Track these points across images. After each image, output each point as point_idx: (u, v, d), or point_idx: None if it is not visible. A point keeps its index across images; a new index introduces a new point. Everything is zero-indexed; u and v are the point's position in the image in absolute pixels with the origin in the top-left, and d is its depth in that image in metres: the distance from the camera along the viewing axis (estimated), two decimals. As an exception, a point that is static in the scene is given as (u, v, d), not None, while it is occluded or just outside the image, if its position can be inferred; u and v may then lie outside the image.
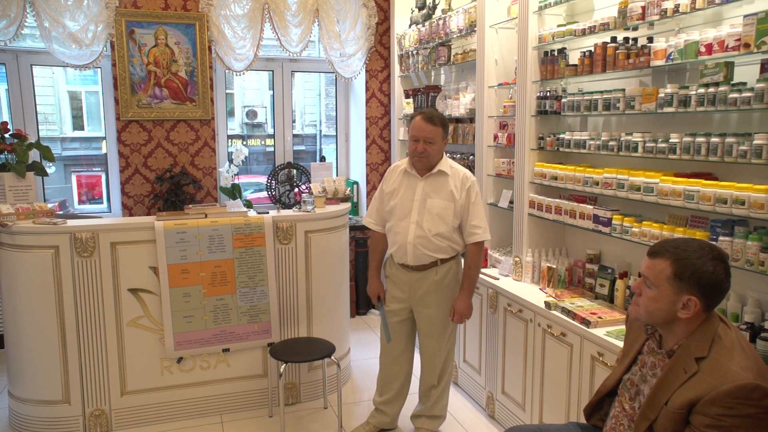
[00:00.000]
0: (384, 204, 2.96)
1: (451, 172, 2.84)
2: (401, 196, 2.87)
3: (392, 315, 2.97)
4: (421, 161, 2.81)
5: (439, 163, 2.84)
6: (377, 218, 3.02)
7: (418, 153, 2.78)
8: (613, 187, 2.63)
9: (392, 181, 2.94)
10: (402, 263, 2.88)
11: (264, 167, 5.92)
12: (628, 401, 1.79)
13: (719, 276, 1.59)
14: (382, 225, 3.00)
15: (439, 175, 2.83)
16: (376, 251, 3.11)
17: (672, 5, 2.33)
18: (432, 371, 2.98)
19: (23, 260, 3.03)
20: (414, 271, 2.87)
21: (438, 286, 2.86)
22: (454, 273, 2.90)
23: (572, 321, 2.60)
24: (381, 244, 3.06)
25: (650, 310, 1.66)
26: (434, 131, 2.76)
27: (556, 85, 3.13)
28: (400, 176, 2.92)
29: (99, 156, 6.01)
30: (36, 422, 3.14)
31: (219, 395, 3.39)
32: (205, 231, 3.23)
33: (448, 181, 2.82)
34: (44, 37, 4.11)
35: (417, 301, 2.90)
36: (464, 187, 2.81)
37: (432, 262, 2.84)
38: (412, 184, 2.86)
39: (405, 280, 2.90)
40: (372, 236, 3.12)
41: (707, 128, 2.40)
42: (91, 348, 3.14)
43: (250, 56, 4.58)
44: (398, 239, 2.86)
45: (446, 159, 2.89)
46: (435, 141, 2.77)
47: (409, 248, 2.82)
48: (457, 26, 3.88)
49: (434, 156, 2.80)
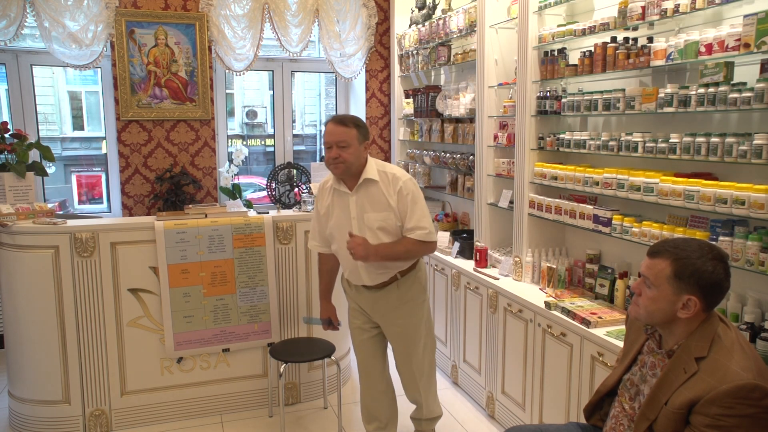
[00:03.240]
0: (323, 227, 2.73)
1: (380, 177, 2.56)
2: (336, 218, 2.64)
3: (360, 332, 2.79)
4: (338, 169, 2.52)
5: (364, 170, 2.56)
6: (321, 240, 2.79)
7: (332, 160, 2.51)
8: (613, 187, 2.63)
9: (324, 203, 2.69)
10: (360, 285, 2.70)
11: (264, 167, 5.91)
12: (628, 401, 1.79)
13: (719, 276, 1.59)
14: (328, 246, 2.76)
15: (368, 184, 2.56)
16: (323, 272, 2.90)
17: (672, 5, 2.33)
18: (413, 385, 2.80)
19: (23, 260, 3.03)
20: (374, 289, 2.66)
21: (401, 301, 2.66)
22: (417, 284, 2.70)
23: (572, 321, 2.60)
24: (328, 264, 2.85)
25: (650, 310, 1.66)
26: (346, 133, 2.50)
27: (556, 85, 3.13)
28: (331, 195, 2.66)
29: (99, 156, 6.01)
30: (36, 422, 3.14)
31: (219, 395, 3.39)
32: (205, 231, 3.23)
33: (380, 188, 2.55)
34: (44, 37, 4.11)
35: (381, 318, 2.72)
36: (395, 190, 2.53)
37: (391, 277, 2.63)
38: (343, 202, 2.60)
39: (366, 298, 2.71)
40: (319, 257, 2.89)
41: (707, 128, 2.40)
42: (91, 348, 3.14)
43: (250, 56, 4.58)
44: (348, 263, 2.65)
45: (373, 163, 2.60)
46: (349, 144, 2.49)
47: (362, 271, 2.62)
48: (457, 26, 3.88)
49: (352, 161, 2.51)
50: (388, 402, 2.86)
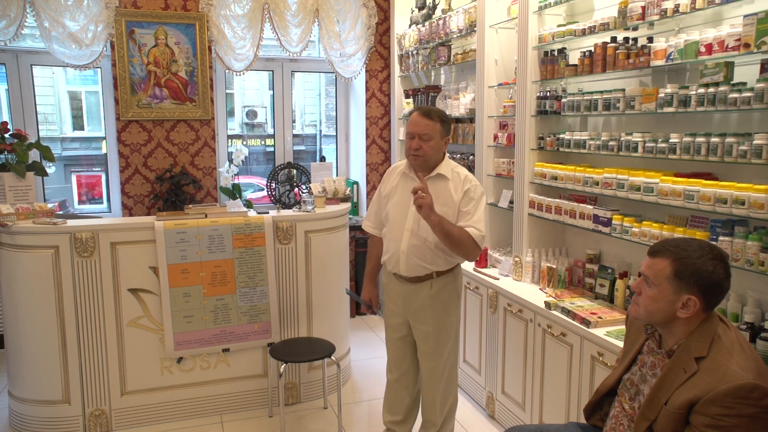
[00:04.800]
0: (381, 207, 2.77)
1: (452, 176, 2.60)
2: (397, 200, 2.67)
3: (392, 331, 2.80)
4: (416, 160, 2.57)
5: (439, 165, 2.61)
6: (375, 221, 2.83)
7: (413, 150, 2.56)
8: (613, 187, 2.63)
9: (389, 183, 2.74)
10: (394, 273, 2.70)
11: (264, 167, 5.92)
12: (628, 401, 1.79)
13: (719, 276, 1.59)
14: (380, 229, 2.80)
15: (439, 179, 2.59)
16: (372, 256, 2.91)
17: (672, 5, 2.33)
18: (432, 394, 2.74)
19: (23, 260, 3.03)
20: (407, 282, 2.66)
21: (433, 301, 2.64)
22: (451, 288, 2.67)
23: (572, 321, 2.60)
24: (378, 248, 2.85)
25: (650, 310, 1.66)
26: (430, 126, 2.53)
27: (556, 85, 3.13)
28: (398, 178, 2.71)
29: (99, 156, 6.01)
30: (36, 422, 3.14)
31: (219, 395, 3.39)
32: (205, 231, 3.23)
33: (449, 186, 2.58)
34: (44, 37, 4.11)
35: (411, 316, 2.70)
36: (463, 189, 2.58)
37: (427, 274, 2.62)
38: (408, 187, 2.59)
39: (398, 292, 2.71)
40: (371, 240, 2.93)
41: (707, 128, 2.40)
42: (91, 348, 3.14)
43: (250, 56, 4.58)
44: (391, 247, 2.66)
45: (448, 161, 2.66)
46: (432, 137, 2.54)
47: (402, 257, 2.61)
48: (457, 26, 3.88)
49: (431, 155, 2.56)
50: (412, 386, 2.85)
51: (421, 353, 2.74)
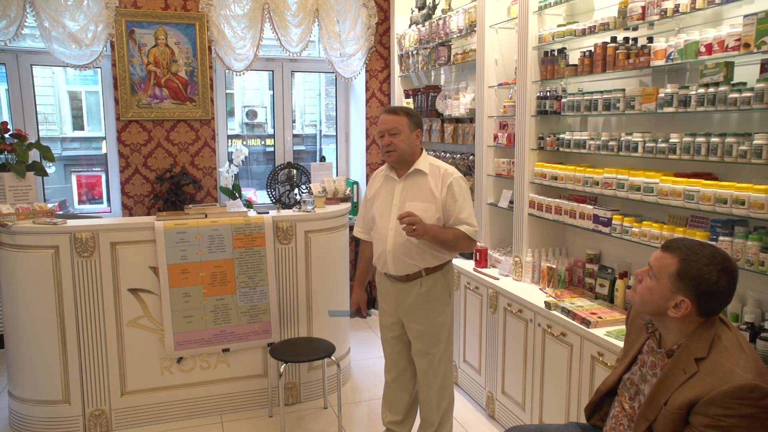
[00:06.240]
0: (368, 211, 2.81)
1: (430, 170, 2.64)
2: (380, 201, 2.72)
3: (387, 330, 2.82)
4: (391, 156, 2.62)
5: (416, 161, 2.65)
6: (363, 226, 2.87)
7: (385, 147, 2.61)
8: (613, 187, 2.63)
9: (374, 187, 2.79)
10: (385, 272, 2.73)
11: (264, 167, 5.91)
12: (628, 401, 1.79)
13: (720, 288, 1.57)
14: (369, 233, 2.83)
15: (417, 174, 2.64)
16: (361, 260, 2.95)
17: (672, 5, 2.33)
18: (428, 393, 2.76)
19: (23, 260, 3.03)
20: (398, 281, 2.69)
21: (424, 300, 2.66)
22: (441, 285, 2.68)
23: (572, 321, 2.60)
24: (368, 252, 2.89)
25: (644, 299, 1.68)
26: (396, 120, 2.60)
27: (556, 85, 3.13)
28: (381, 181, 2.76)
29: (99, 156, 6.01)
30: (36, 422, 3.14)
31: (219, 395, 3.39)
32: (205, 231, 3.23)
33: (428, 180, 2.62)
34: (44, 37, 4.11)
35: (404, 315, 2.72)
36: (445, 184, 2.59)
37: (416, 272, 2.64)
38: (390, 187, 2.69)
39: (389, 292, 2.75)
40: (361, 244, 2.96)
41: (707, 128, 2.40)
42: (91, 348, 3.14)
43: (250, 56, 4.58)
44: (379, 247, 2.70)
45: (426, 157, 2.70)
46: (400, 131, 2.59)
47: (389, 257, 2.64)
48: (457, 26, 3.88)
49: (404, 148, 2.60)
50: (408, 399, 2.87)
51: (414, 352, 2.76)
